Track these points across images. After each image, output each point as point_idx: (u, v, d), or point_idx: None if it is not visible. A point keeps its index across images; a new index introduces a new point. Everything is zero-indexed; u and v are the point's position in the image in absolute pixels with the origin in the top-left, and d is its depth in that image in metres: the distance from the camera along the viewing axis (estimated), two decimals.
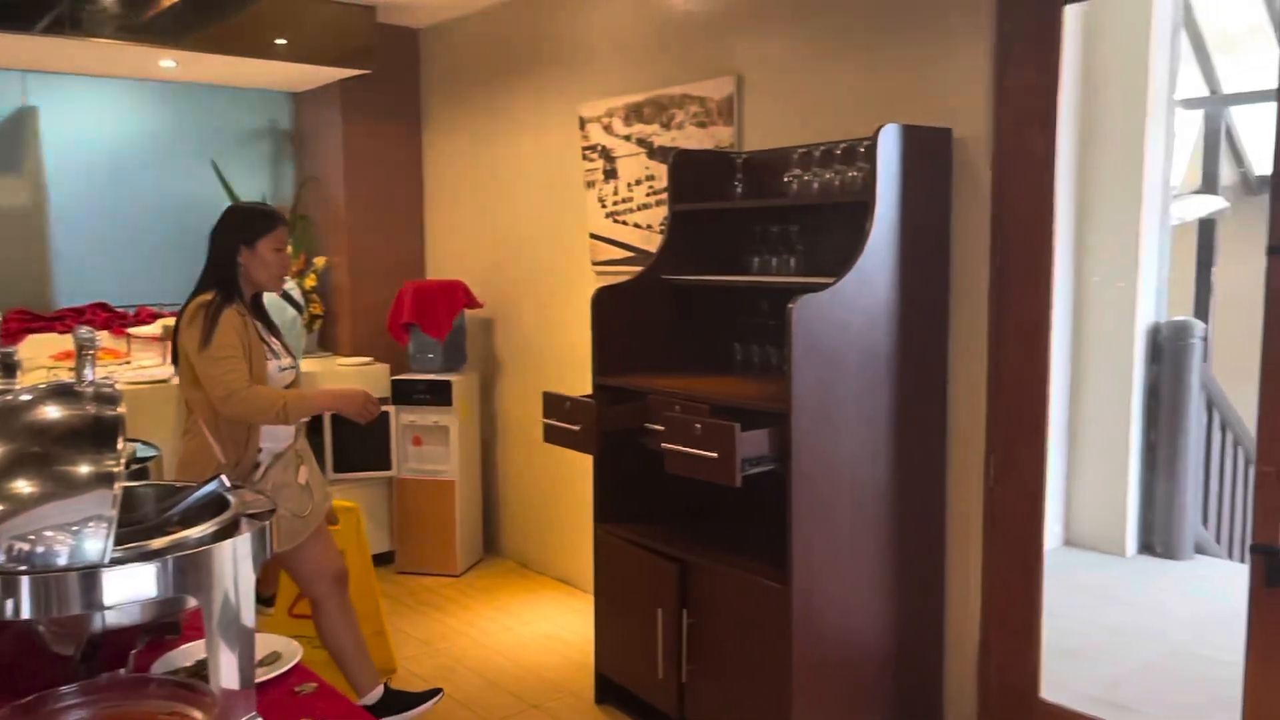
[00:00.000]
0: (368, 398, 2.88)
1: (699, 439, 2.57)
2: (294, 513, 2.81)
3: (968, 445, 2.92)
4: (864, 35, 3.08)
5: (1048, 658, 2.86)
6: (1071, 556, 4.64)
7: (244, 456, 2.75)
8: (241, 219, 2.82)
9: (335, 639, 2.96)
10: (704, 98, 3.58)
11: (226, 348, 2.68)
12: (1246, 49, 5.86)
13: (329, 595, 2.95)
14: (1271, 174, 2.31)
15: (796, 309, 2.50)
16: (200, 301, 2.73)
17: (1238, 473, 4.88)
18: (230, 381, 2.66)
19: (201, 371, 2.69)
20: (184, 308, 2.78)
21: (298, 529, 2.83)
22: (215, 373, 2.66)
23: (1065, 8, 2.67)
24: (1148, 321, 4.65)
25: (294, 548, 2.82)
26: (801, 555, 2.59)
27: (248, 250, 2.78)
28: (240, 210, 2.91)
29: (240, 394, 2.66)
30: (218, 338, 2.67)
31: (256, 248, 2.78)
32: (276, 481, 2.79)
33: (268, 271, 2.81)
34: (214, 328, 2.67)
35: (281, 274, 2.86)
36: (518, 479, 4.84)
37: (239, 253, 2.77)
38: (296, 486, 2.83)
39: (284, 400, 2.71)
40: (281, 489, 2.78)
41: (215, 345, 2.67)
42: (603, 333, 3.16)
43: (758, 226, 3.24)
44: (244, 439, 2.75)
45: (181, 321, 2.76)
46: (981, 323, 2.86)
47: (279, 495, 2.75)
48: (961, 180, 2.86)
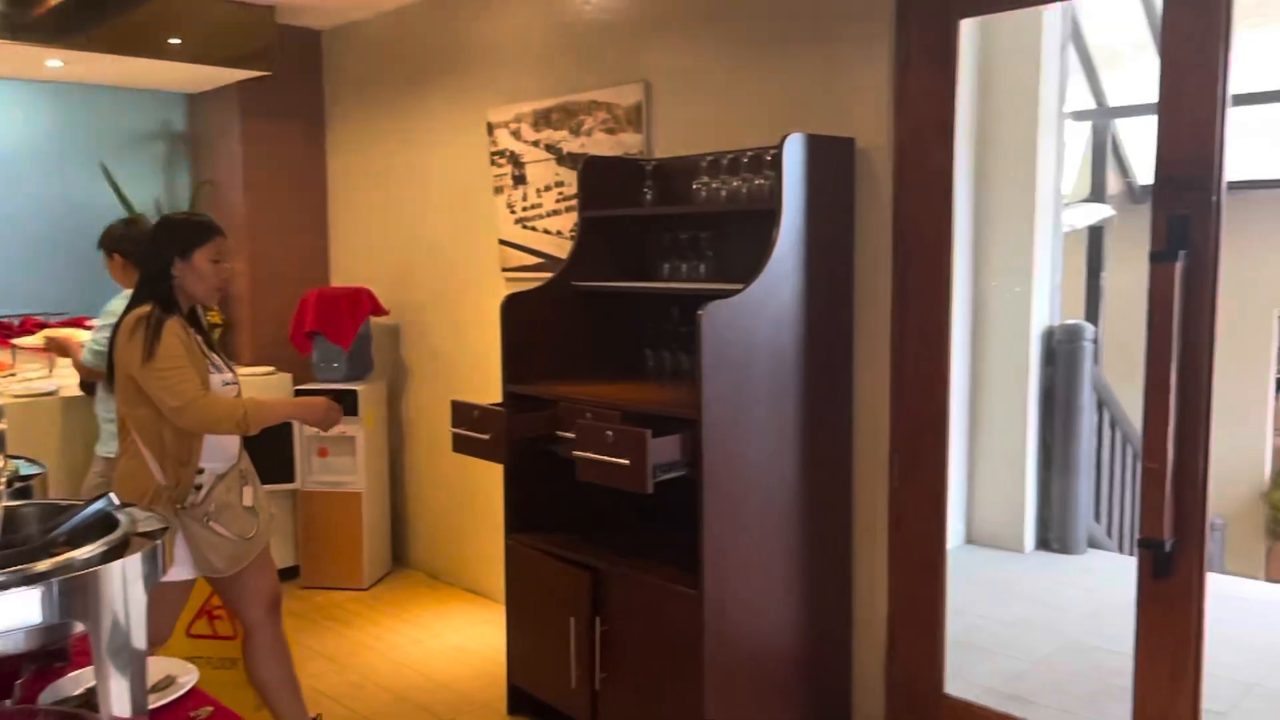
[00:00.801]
0: (331, 406, 2.78)
1: (611, 446, 2.57)
2: (239, 535, 2.70)
3: (872, 447, 2.98)
4: (770, 45, 3.13)
5: (951, 652, 2.93)
6: (973, 554, 4.78)
7: (184, 476, 2.63)
8: (175, 230, 2.71)
9: (265, 669, 2.84)
10: (612, 104, 3.59)
11: (174, 358, 2.57)
12: (1130, 64, 6.14)
13: (264, 622, 2.84)
14: (1153, 184, 2.42)
15: (706, 315, 2.52)
16: (138, 314, 2.61)
17: (1127, 469, 5.11)
18: (184, 391, 2.55)
19: (150, 385, 2.56)
20: (118, 324, 2.65)
21: (243, 552, 2.72)
22: (166, 383, 2.55)
23: (961, 22, 2.75)
24: (1042, 325, 4.82)
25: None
26: (713, 560, 2.61)
27: (182, 262, 2.66)
28: (174, 221, 2.77)
29: (197, 403, 2.56)
30: (162, 349, 2.56)
31: (192, 259, 2.66)
32: (220, 502, 2.68)
33: (204, 284, 2.69)
34: (157, 339, 2.56)
35: (219, 286, 2.74)
36: (427, 489, 4.76)
37: (173, 265, 2.66)
38: (240, 508, 2.72)
39: (244, 409, 2.61)
40: (225, 510, 2.68)
41: (161, 356, 2.55)
42: (513, 340, 3.14)
43: (667, 233, 3.26)
44: (186, 457, 2.63)
45: (119, 338, 2.63)
46: (884, 327, 2.93)
47: (222, 517, 2.66)
48: (864, 189, 2.92)
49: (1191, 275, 2.35)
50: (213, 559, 2.65)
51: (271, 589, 2.87)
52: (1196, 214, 2.34)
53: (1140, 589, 2.49)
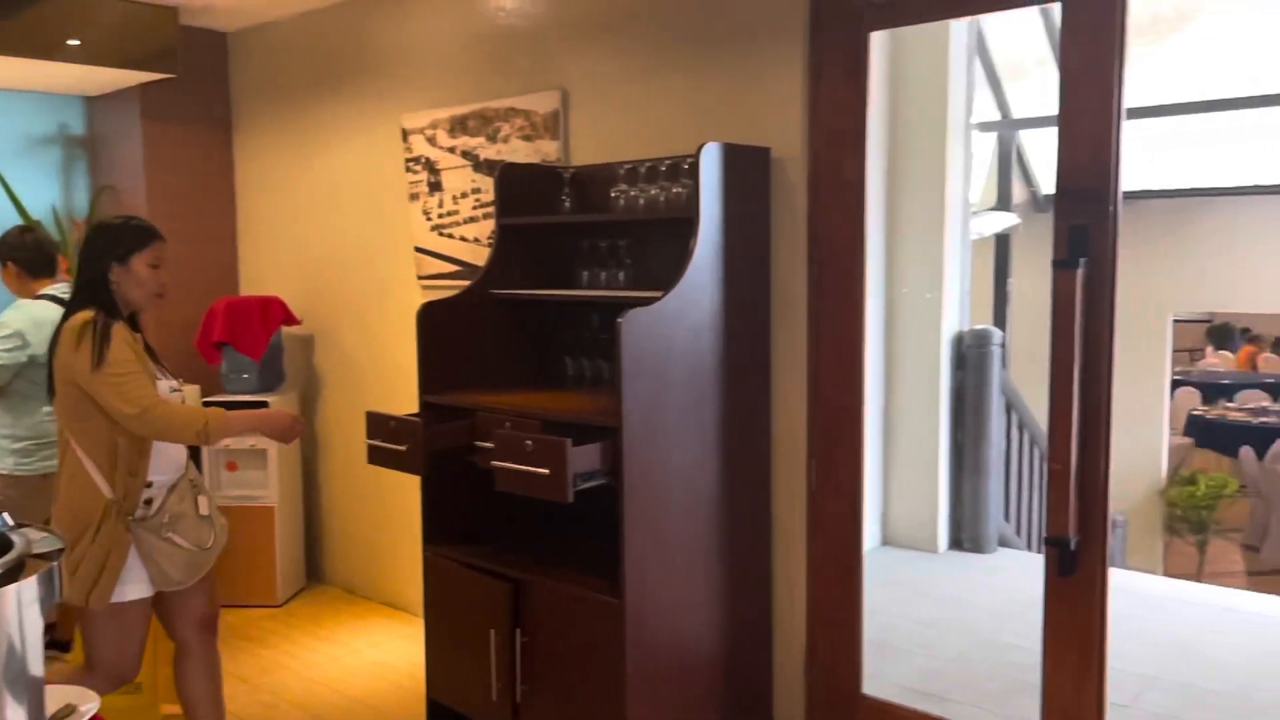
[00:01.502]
0: (294, 419, 2.73)
1: (530, 456, 2.55)
2: (197, 544, 2.62)
3: (791, 452, 3.02)
4: (687, 54, 3.15)
5: (868, 653, 2.98)
6: (889, 555, 4.87)
7: (132, 488, 2.54)
8: (113, 234, 2.62)
9: (195, 687, 2.75)
10: (529, 111, 3.57)
11: (125, 363, 2.48)
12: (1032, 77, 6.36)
13: (196, 641, 2.76)
14: (1055, 194, 2.50)
15: (625, 323, 2.52)
16: (82, 320, 2.50)
17: (1034, 470, 5.27)
18: (141, 397, 2.47)
19: (102, 392, 2.46)
20: (57, 331, 2.54)
21: (201, 562, 2.64)
22: (120, 390, 2.46)
23: (871, 34, 2.81)
24: (952, 330, 4.95)
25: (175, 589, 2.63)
26: (634, 568, 2.60)
27: (120, 267, 2.58)
28: (111, 225, 2.67)
29: (156, 409, 2.48)
30: (113, 354, 2.47)
31: (130, 264, 2.58)
32: (174, 512, 2.60)
33: (143, 290, 2.62)
34: (106, 344, 2.47)
35: (157, 292, 2.66)
36: (342, 502, 4.66)
37: (111, 270, 2.57)
38: (196, 517, 2.64)
39: (205, 419, 2.53)
40: (180, 520, 2.60)
41: (112, 362, 2.46)
42: (429, 349, 3.09)
43: (586, 241, 3.26)
44: (135, 468, 2.54)
45: (61, 346, 2.52)
46: (801, 334, 2.97)
47: (179, 527, 2.59)
48: (780, 197, 2.96)
49: (1092, 282, 2.43)
50: (171, 571, 2.58)
51: (212, 607, 2.80)
52: (1095, 223, 2.42)
53: (1047, 586, 2.57)
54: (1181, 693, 3.35)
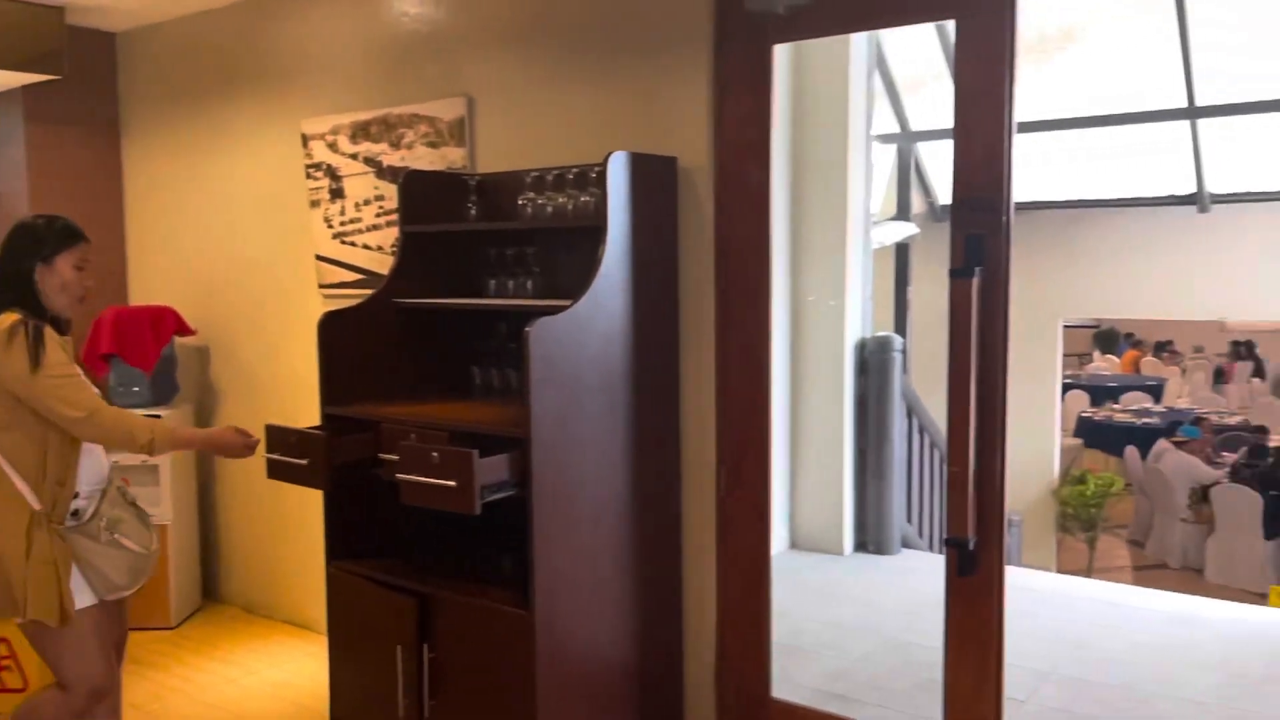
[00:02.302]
0: (245, 441, 2.66)
1: (436, 468, 2.51)
2: (144, 546, 2.54)
3: (700, 459, 3.04)
4: (594, 64, 3.15)
5: (777, 656, 3.02)
6: (796, 558, 4.95)
7: (60, 497, 2.43)
8: (36, 234, 2.50)
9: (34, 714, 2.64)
10: (434, 118, 3.52)
11: (64, 365, 2.38)
12: (929, 91, 6.55)
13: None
14: (951, 205, 2.58)
15: (533, 332, 2.50)
16: (10, 321, 2.38)
17: (934, 473, 5.42)
18: (85, 401, 2.37)
19: (41, 396, 2.35)
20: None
21: (144, 567, 2.56)
22: (62, 393, 2.36)
23: (775, 47, 2.86)
24: (855, 337, 5.06)
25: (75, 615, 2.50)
26: (544, 579, 2.58)
27: (45, 267, 2.46)
28: (34, 225, 2.53)
29: (103, 413, 2.38)
30: (49, 356, 2.35)
31: (55, 264, 2.47)
32: (112, 517, 2.50)
33: (67, 293, 2.51)
34: (41, 347, 2.36)
35: (80, 296, 2.55)
36: (241, 518, 4.51)
37: (35, 270, 2.45)
38: (135, 520, 2.56)
39: (152, 430, 2.44)
40: (121, 523, 2.51)
41: (51, 364, 2.35)
42: (331, 359, 3.02)
43: (493, 249, 3.22)
44: (64, 477, 2.43)
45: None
46: (709, 342, 2.99)
47: (121, 528, 2.50)
48: (687, 206, 2.98)
49: (987, 290, 2.51)
50: (115, 576, 2.50)
51: (119, 630, 2.70)
52: (990, 233, 2.50)
53: (948, 586, 2.63)
54: (1073, 686, 3.47)
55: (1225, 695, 3.38)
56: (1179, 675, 3.56)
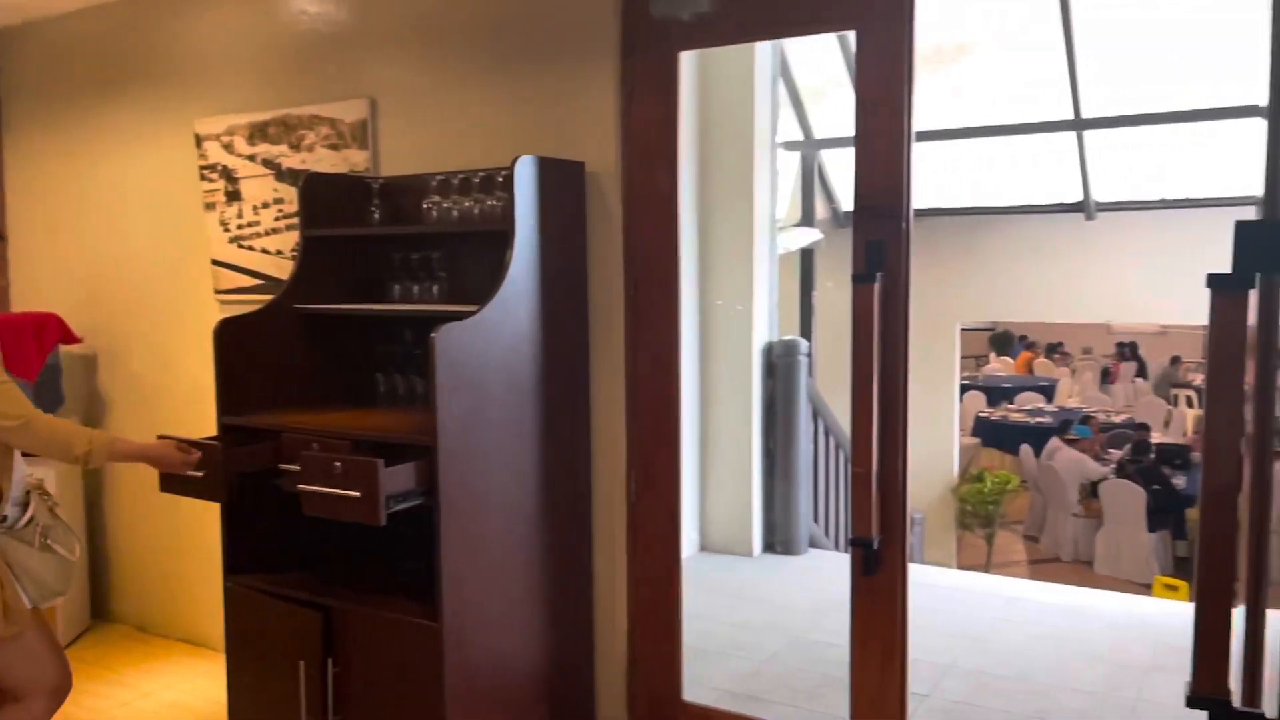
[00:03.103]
0: (184, 458, 2.60)
1: (339, 478, 2.45)
2: (69, 552, 2.46)
3: (611, 464, 3.03)
4: (501, 67, 3.12)
5: (688, 659, 3.03)
6: (706, 560, 4.98)
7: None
8: None
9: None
10: (335, 119, 3.44)
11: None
12: (832, 99, 6.70)
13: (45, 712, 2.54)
14: (853, 211, 2.63)
15: (439, 337, 2.47)
16: None
17: (840, 474, 5.53)
18: (21, 408, 2.29)
19: None
20: None
21: (71, 573, 2.48)
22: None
23: (680, 54, 2.88)
24: (762, 341, 5.13)
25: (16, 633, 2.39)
26: (452, 589, 2.54)
27: None
28: None
29: (40, 420, 2.30)
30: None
31: None
32: (45, 523, 2.41)
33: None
34: None
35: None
36: (132, 534, 4.33)
37: None
38: (61, 527, 2.48)
39: (90, 441, 2.36)
40: (51, 529, 2.43)
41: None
42: (228, 367, 2.92)
43: (398, 253, 3.17)
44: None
45: None
46: (619, 346, 2.99)
47: (53, 534, 2.43)
48: (595, 211, 2.98)
49: (888, 294, 2.57)
50: (52, 581, 2.44)
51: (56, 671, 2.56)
52: (890, 240, 2.56)
53: (853, 584, 2.69)
54: (974, 679, 3.58)
55: (1114, 684, 3.53)
56: (1072, 666, 3.70)
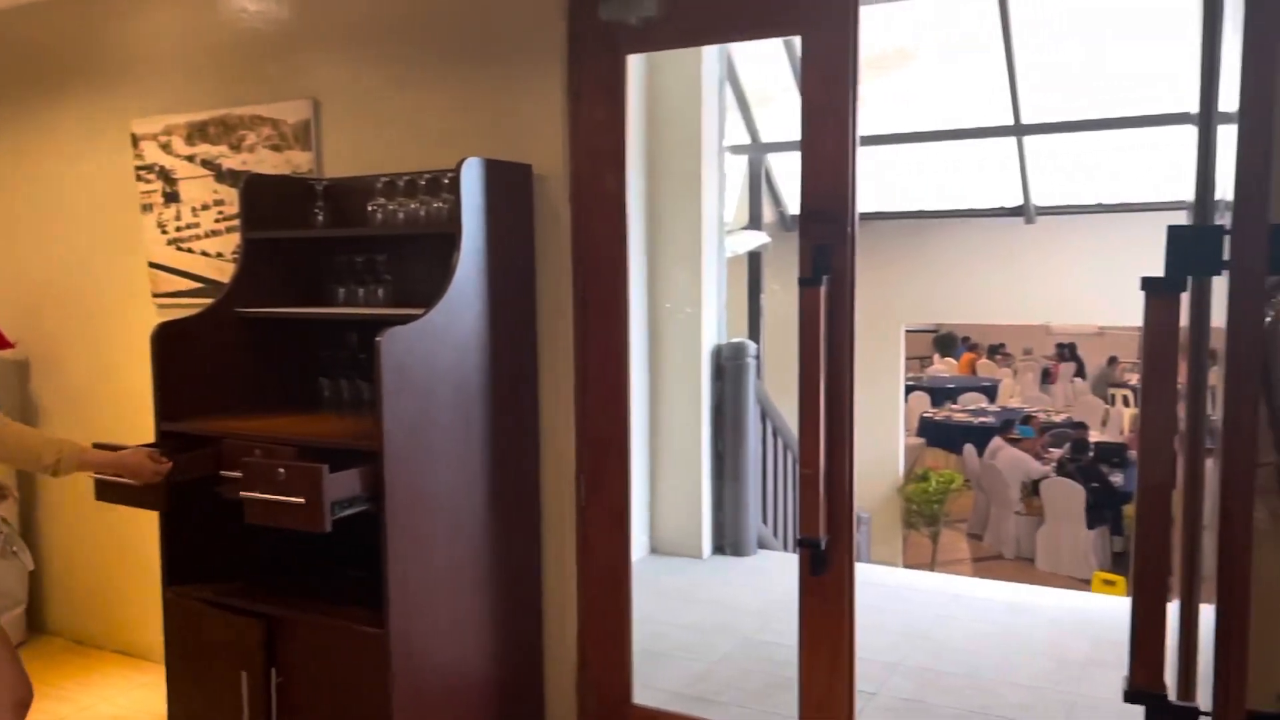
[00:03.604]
0: (155, 467, 2.54)
1: (282, 484, 2.40)
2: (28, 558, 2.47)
3: (559, 468, 3.02)
4: (448, 68, 3.10)
5: (638, 662, 3.03)
6: (656, 563, 4.99)
7: None
8: None
9: None
10: (278, 120, 3.39)
11: None
12: (778, 104, 6.75)
13: None
14: (799, 215, 2.66)
15: (385, 341, 2.44)
16: None
17: (788, 474, 5.57)
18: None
19: None
20: None
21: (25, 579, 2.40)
22: None
23: (628, 57, 2.88)
24: (711, 344, 5.15)
25: None
26: (399, 596, 2.51)
27: None
28: None
29: (9, 429, 2.26)
30: None
31: None
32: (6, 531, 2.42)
33: None
34: None
35: None
36: (69, 544, 4.21)
37: None
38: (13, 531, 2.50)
39: (59, 450, 2.32)
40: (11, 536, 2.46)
41: None
42: (167, 373, 2.85)
43: (342, 256, 3.12)
44: None
45: None
46: (568, 349, 2.98)
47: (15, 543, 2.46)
48: (543, 214, 2.97)
49: (834, 297, 2.60)
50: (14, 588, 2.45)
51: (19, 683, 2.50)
52: (835, 243, 2.59)
53: (801, 585, 2.71)
54: (920, 677, 3.63)
55: (1055, 679, 3.60)
56: (1014, 661, 3.77)
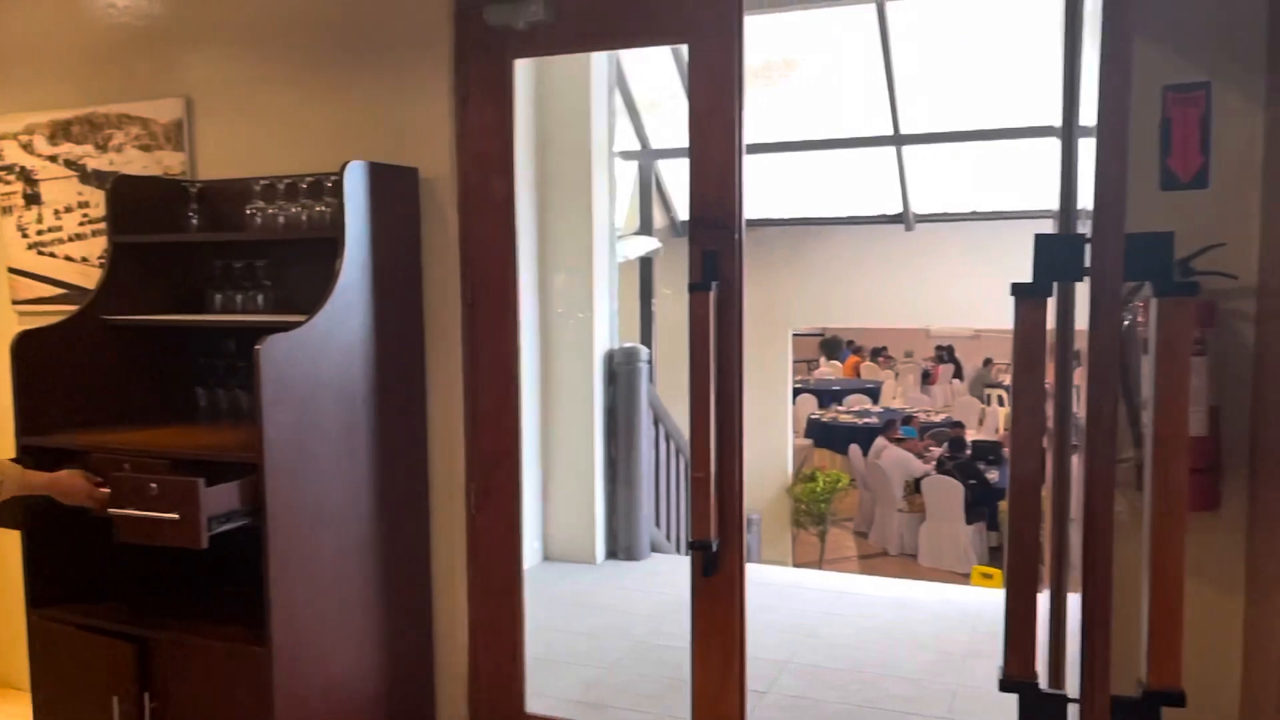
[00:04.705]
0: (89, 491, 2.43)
1: (155, 500, 2.30)
2: None
3: (449, 476, 2.98)
4: (330, 66, 3.02)
5: (532, 670, 3.01)
6: (550, 570, 4.97)
7: None
8: None
9: None
10: (148, 119, 3.24)
11: None
12: (667, 111, 6.82)
13: None
14: (689, 221, 2.69)
15: (265, 349, 2.36)
16: None
17: (680, 478, 5.62)
18: None
19: None
20: None
21: None
22: None
23: (515, 61, 2.86)
24: (604, 349, 5.16)
25: None
26: (282, 612, 2.43)
27: None
28: None
29: None
30: None
31: None
32: None
33: None
34: None
35: None
36: None
37: None
38: None
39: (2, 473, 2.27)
40: None
41: None
42: (28, 384, 2.70)
43: (219, 261, 3.01)
44: None
45: None
46: (457, 355, 2.94)
47: None
48: (430, 219, 2.92)
49: (723, 302, 2.63)
50: None
51: None
52: (724, 249, 2.63)
53: (693, 587, 2.73)
54: (809, 674, 3.71)
55: (936, 671, 3.73)
56: (899, 655, 3.89)
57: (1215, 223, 2.23)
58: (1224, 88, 2.22)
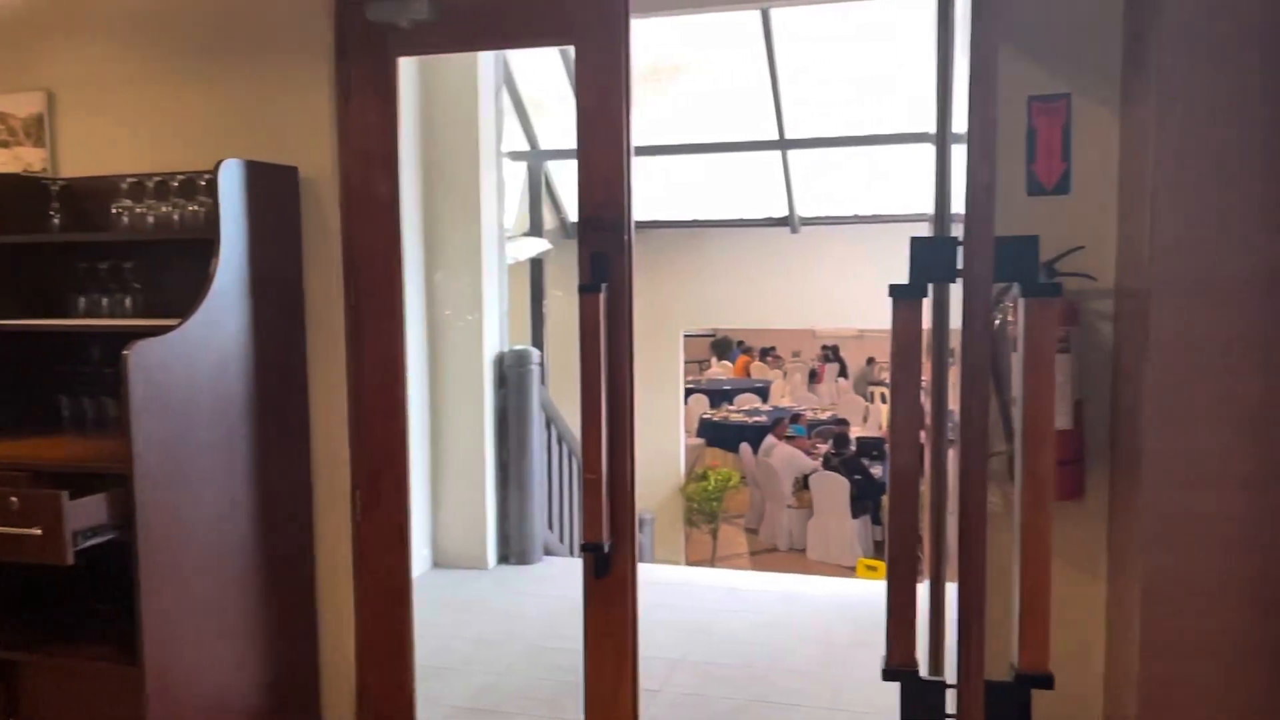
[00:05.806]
0: None
1: (16, 515, 2.18)
2: None
3: (333, 484, 2.90)
4: (204, 61, 2.91)
5: (423, 678, 2.96)
6: (440, 576, 4.89)
7: None
8: None
9: None
10: (6, 114, 3.07)
11: None
12: (555, 112, 6.79)
13: None
14: (578, 223, 2.69)
15: (133, 355, 2.26)
16: None
17: (572, 481, 5.61)
18: None
19: None
20: None
21: None
22: None
23: (399, 59, 2.81)
24: (494, 351, 5.11)
25: None
26: (154, 629, 2.33)
27: None
28: None
29: None
30: None
31: None
32: None
33: None
34: None
35: None
36: None
37: None
38: None
39: None
40: None
41: None
42: None
43: (83, 263, 2.87)
44: None
45: None
46: (340, 359, 2.87)
47: None
48: (311, 219, 2.84)
49: (613, 304, 2.64)
50: None
51: None
52: (614, 251, 2.63)
53: (586, 589, 2.73)
54: (701, 671, 3.75)
55: (823, 663, 3.82)
56: (788, 649, 3.96)
57: (1077, 227, 2.35)
58: (1083, 99, 2.34)
